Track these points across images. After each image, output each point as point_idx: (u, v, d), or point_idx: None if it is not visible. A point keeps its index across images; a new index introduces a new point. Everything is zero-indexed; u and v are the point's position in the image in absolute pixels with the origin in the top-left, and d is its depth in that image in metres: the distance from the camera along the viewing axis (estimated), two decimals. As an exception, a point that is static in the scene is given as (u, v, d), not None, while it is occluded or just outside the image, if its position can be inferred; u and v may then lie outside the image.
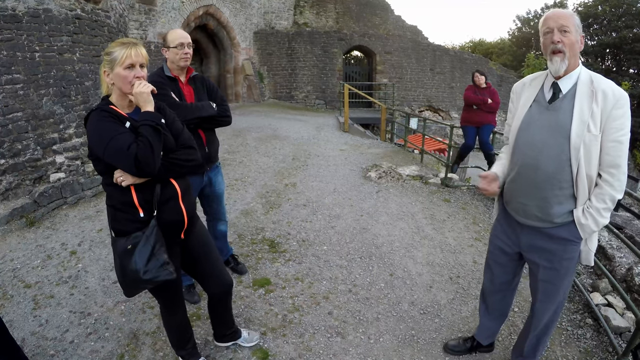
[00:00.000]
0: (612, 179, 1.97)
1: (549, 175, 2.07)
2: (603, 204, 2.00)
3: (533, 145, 2.11)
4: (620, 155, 1.95)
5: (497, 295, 2.64)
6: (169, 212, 2.12)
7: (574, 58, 2.01)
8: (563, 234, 2.14)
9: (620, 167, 1.96)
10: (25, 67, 5.16)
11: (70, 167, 5.56)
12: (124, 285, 2.09)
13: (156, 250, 2.00)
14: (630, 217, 5.60)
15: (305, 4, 21.32)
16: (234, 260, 3.87)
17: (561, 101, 2.05)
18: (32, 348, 2.85)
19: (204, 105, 3.01)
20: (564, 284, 2.26)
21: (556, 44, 1.98)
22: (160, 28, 13.63)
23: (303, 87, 18.98)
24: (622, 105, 1.91)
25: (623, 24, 30.82)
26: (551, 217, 2.13)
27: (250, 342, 2.86)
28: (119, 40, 2.02)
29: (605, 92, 1.93)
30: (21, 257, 4.10)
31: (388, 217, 5.26)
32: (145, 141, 1.90)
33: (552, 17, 2.01)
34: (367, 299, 3.51)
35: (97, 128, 1.93)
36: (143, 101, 1.99)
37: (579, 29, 1.99)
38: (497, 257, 2.52)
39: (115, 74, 1.97)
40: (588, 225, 2.05)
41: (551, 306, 2.33)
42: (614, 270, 3.76)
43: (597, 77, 2.00)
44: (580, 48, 2.00)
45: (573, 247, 2.15)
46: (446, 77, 20.53)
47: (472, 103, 7.04)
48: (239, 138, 9.87)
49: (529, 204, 2.19)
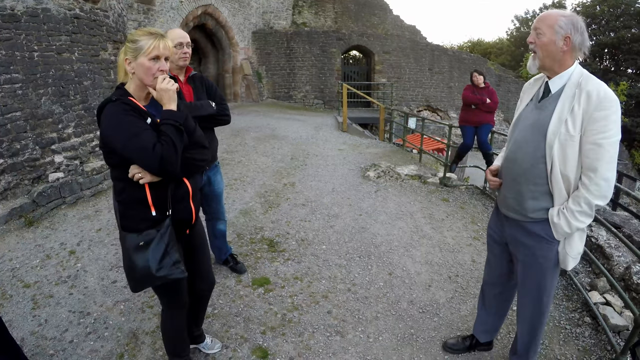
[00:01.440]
0: (588, 182, 1.95)
1: (525, 170, 2.14)
2: (578, 206, 1.99)
3: (516, 141, 2.21)
4: (598, 159, 1.91)
5: (494, 288, 2.67)
6: (182, 211, 2.11)
7: (549, 58, 2.04)
8: (538, 230, 2.18)
9: (597, 171, 1.92)
10: (24, 66, 5.15)
11: (69, 166, 5.55)
12: (133, 280, 2.05)
13: (169, 248, 1.98)
14: (628, 217, 5.62)
15: (303, 4, 21.33)
16: (233, 260, 3.87)
17: (548, 100, 2.10)
18: (31, 348, 2.85)
19: (203, 104, 3.01)
20: (543, 283, 2.26)
21: (529, 44, 2.09)
22: (159, 28, 13.58)
23: (301, 87, 18.97)
24: (605, 108, 1.88)
25: (621, 24, 30.87)
26: (526, 210, 2.19)
27: (211, 350, 2.80)
28: (145, 29, 1.94)
29: (589, 94, 1.92)
30: (20, 256, 4.09)
31: (387, 217, 5.27)
32: (170, 141, 1.85)
33: (535, 19, 2.09)
34: (366, 298, 3.52)
35: (118, 121, 1.86)
36: (168, 99, 1.93)
37: (562, 29, 1.96)
38: (491, 248, 2.60)
39: (139, 64, 1.90)
40: (560, 225, 2.06)
41: (529, 302, 2.36)
42: (612, 269, 3.77)
43: (588, 78, 1.99)
44: (562, 49, 1.99)
45: (547, 246, 2.17)
46: (444, 77, 20.54)
47: (470, 103, 7.04)
48: (238, 138, 9.87)
49: (508, 196, 2.29)
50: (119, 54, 1.99)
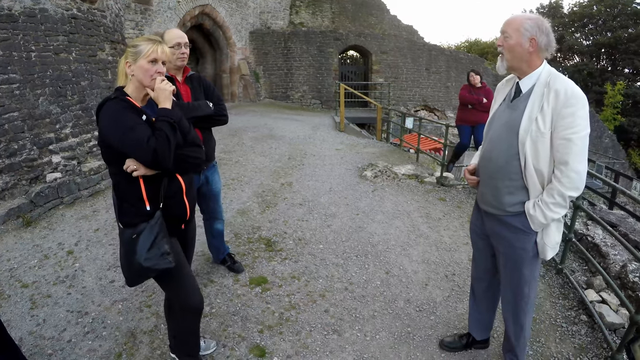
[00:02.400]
0: (560, 174, 2.06)
1: (500, 167, 2.25)
2: (552, 198, 2.10)
3: (491, 140, 2.33)
4: (568, 153, 2.02)
5: (481, 283, 2.73)
6: (174, 207, 2.19)
7: (516, 59, 2.15)
8: (515, 223, 2.27)
9: (568, 164, 2.03)
10: (22, 66, 5.15)
11: (67, 167, 5.55)
12: (128, 273, 2.13)
13: (158, 240, 2.06)
14: (624, 215, 5.65)
15: (301, 4, 21.31)
16: (231, 259, 3.88)
17: (519, 100, 2.20)
18: (29, 347, 2.85)
19: (200, 104, 3.02)
20: (523, 273, 2.35)
21: (498, 47, 2.20)
22: (156, 28, 13.61)
23: (299, 87, 18.98)
24: (572, 105, 1.99)
25: (618, 23, 31.00)
26: (503, 205, 2.28)
27: (207, 351, 2.80)
28: (145, 36, 2.12)
29: (557, 92, 2.02)
30: (18, 257, 4.09)
31: (384, 216, 5.28)
32: (164, 136, 1.96)
33: (504, 22, 2.18)
34: (363, 297, 3.53)
35: (116, 117, 1.98)
36: (164, 98, 2.06)
37: (527, 31, 2.07)
38: (475, 242, 2.69)
39: (138, 66, 2.03)
40: (536, 217, 2.16)
41: (511, 292, 2.45)
42: (608, 267, 3.79)
43: (556, 77, 2.09)
44: (529, 50, 2.09)
45: (525, 237, 2.27)
46: (442, 77, 20.58)
47: (467, 102, 7.07)
48: (235, 138, 9.87)
49: (485, 192, 2.40)
50: (120, 60, 2.14)
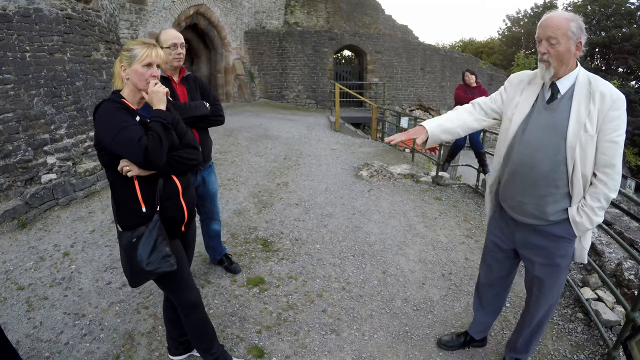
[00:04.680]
0: (607, 178, 2.01)
1: (545, 174, 2.09)
2: (597, 202, 2.04)
3: (530, 144, 2.13)
4: (615, 155, 1.98)
5: (492, 290, 2.69)
6: (171, 208, 2.18)
7: (563, 65, 2.02)
8: (557, 231, 2.17)
9: (615, 166, 1.99)
10: (16, 67, 5.12)
11: (62, 168, 5.52)
12: (131, 275, 2.16)
13: (158, 243, 2.07)
14: (619, 214, 5.68)
15: (296, 4, 21.31)
16: (228, 260, 3.87)
17: (559, 101, 2.08)
18: (26, 350, 2.84)
19: (197, 104, 3.02)
20: (558, 281, 2.30)
21: (542, 55, 2.03)
22: (151, 27, 13.55)
23: (294, 87, 18.97)
24: (619, 107, 1.94)
25: (612, 23, 31.15)
26: (547, 215, 2.16)
27: None
28: (139, 40, 2.11)
29: (603, 94, 1.96)
30: (14, 259, 4.07)
31: (380, 216, 5.29)
32: (156, 135, 1.98)
33: (542, 25, 2.01)
34: (360, 297, 3.54)
35: (109, 117, 1.99)
36: (157, 100, 2.07)
37: (574, 35, 1.95)
38: (493, 253, 2.55)
39: (133, 70, 2.05)
40: (582, 224, 2.09)
41: (545, 303, 2.37)
42: (604, 265, 3.82)
43: (595, 78, 2.03)
44: (576, 54, 2.01)
45: (567, 244, 2.20)
46: (437, 76, 20.64)
47: (462, 102, 7.06)
48: (231, 138, 9.85)
49: (525, 202, 2.21)
50: (115, 63, 2.14)
